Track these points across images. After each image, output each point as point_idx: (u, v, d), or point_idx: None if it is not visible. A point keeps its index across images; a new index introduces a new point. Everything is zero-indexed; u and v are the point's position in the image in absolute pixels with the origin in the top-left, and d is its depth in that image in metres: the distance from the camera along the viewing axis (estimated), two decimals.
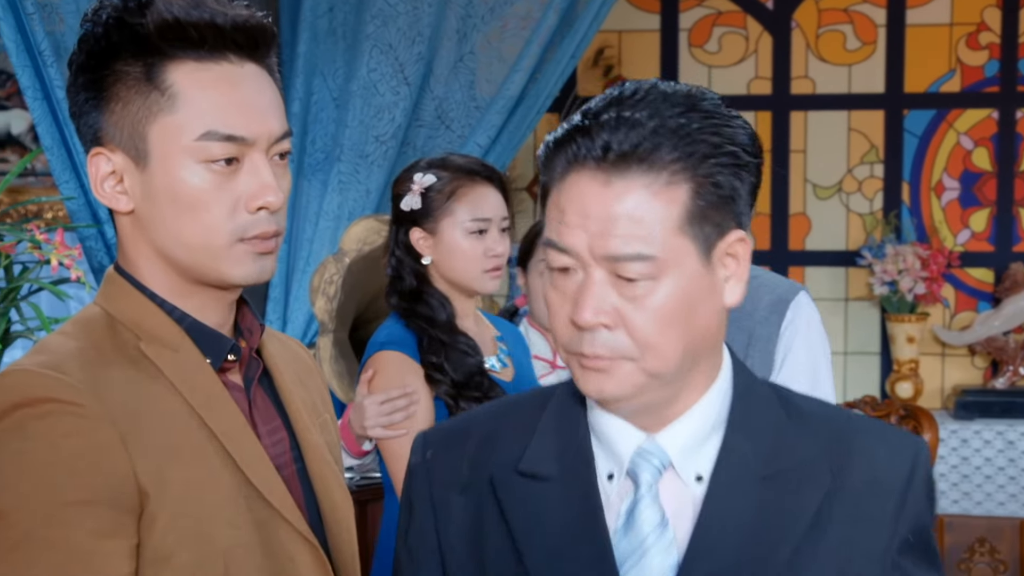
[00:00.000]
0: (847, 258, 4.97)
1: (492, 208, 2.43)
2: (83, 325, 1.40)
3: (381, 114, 3.70)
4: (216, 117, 1.37)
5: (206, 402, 1.39)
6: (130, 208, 1.40)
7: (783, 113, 5.01)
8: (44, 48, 3.13)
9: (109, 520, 1.28)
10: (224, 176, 1.37)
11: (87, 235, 3.30)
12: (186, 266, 1.40)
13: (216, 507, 1.35)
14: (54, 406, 1.28)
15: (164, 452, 1.33)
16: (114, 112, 1.38)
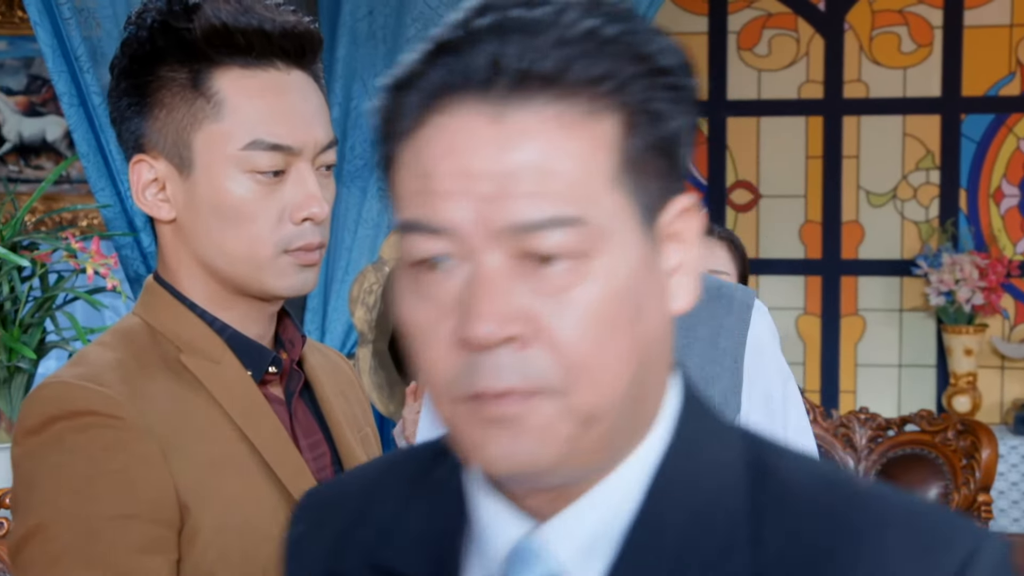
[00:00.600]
0: (902, 267, 4.93)
1: None
2: (122, 336, 1.41)
3: None
4: (263, 126, 1.37)
5: (247, 415, 1.39)
6: (172, 217, 1.40)
7: (835, 118, 4.98)
8: (80, 53, 3.16)
9: (150, 535, 1.28)
10: (269, 186, 1.37)
11: (123, 243, 3.33)
12: (228, 277, 1.40)
13: (258, 522, 1.35)
14: (94, 419, 1.28)
15: (205, 466, 1.33)
16: (158, 119, 1.38)
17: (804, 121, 5.00)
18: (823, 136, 5.00)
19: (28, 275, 2.82)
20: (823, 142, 5.00)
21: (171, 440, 1.31)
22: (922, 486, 3.55)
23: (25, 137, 5.20)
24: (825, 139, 5.00)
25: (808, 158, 5.03)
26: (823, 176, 5.00)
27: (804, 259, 5.02)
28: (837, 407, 4.87)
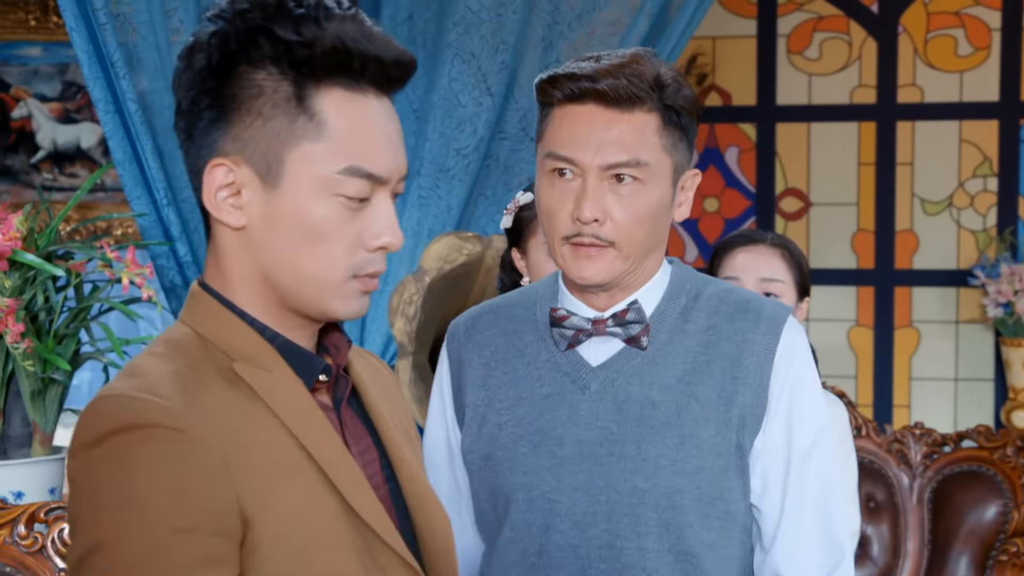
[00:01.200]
0: (958, 278, 4.89)
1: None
2: (174, 346, 1.42)
3: (463, 126, 3.71)
4: (360, 153, 1.39)
5: (303, 424, 1.40)
6: (241, 224, 1.40)
7: (889, 124, 4.95)
8: (116, 59, 3.18)
9: (213, 548, 1.29)
10: (353, 211, 1.40)
11: (158, 253, 3.35)
12: (290, 294, 1.42)
13: (317, 533, 1.37)
14: (154, 431, 1.29)
15: (265, 477, 1.35)
16: (250, 126, 1.39)
17: (856, 127, 4.98)
18: (876, 142, 4.97)
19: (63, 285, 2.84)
20: (876, 148, 4.97)
21: (231, 451, 1.33)
22: (980, 504, 3.51)
23: (59, 144, 5.25)
24: (878, 145, 4.97)
25: (860, 165, 5.00)
26: (876, 184, 4.97)
27: (856, 269, 4.99)
28: (891, 422, 4.83)
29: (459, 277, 3.49)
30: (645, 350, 1.87)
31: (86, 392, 4.53)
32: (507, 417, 1.90)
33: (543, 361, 1.90)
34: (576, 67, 1.82)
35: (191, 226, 3.36)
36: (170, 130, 3.30)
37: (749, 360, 1.87)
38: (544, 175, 1.85)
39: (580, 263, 1.83)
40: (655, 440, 1.84)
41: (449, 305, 3.57)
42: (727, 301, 1.92)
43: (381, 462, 1.53)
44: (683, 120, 1.85)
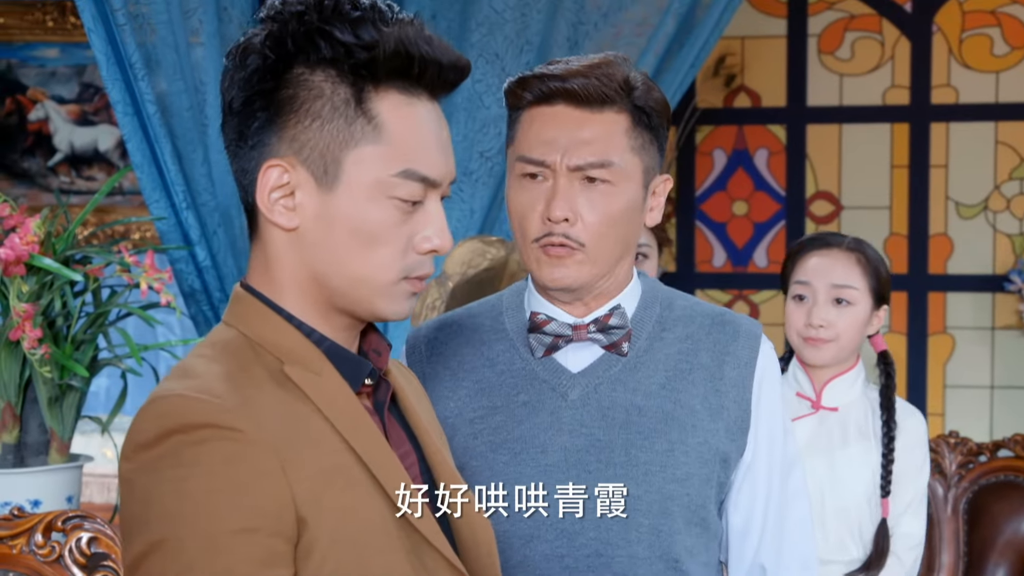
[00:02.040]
0: (994, 283, 4.88)
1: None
2: (223, 348, 1.44)
3: (487, 128, 3.72)
4: (417, 156, 1.43)
5: (352, 427, 1.43)
6: (294, 225, 1.43)
7: (923, 125, 4.94)
8: (135, 60, 3.20)
9: (271, 549, 1.31)
10: (406, 214, 1.43)
11: (177, 257, 3.37)
12: (341, 295, 1.45)
13: (370, 535, 1.39)
14: (212, 432, 1.31)
15: (319, 478, 1.37)
16: (307, 128, 1.41)
17: (889, 128, 4.96)
18: (909, 144, 4.96)
19: (80, 290, 2.85)
20: (909, 151, 4.96)
21: (287, 452, 1.35)
22: (1017, 515, 3.50)
23: (77, 147, 5.28)
24: (911, 147, 4.96)
25: (893, 167, 4.99)
26: (909, 187, 4.96)
27: (891, 274, 4.98)
28: None
29: (483, 282, 3.50)
30: (626, 356, 1.89)
31: (103, 399, 4.55)
32: (482, 426, 1.90)
33: (517, 369, 1.91)
34: (545, 69, 1.86)
35: (210, 230, 3.38)
36: (189, 132, 3.32)
37: (731, 373, 1.91)
38: (515, 179, 1.88)
39: (551, 265, 1.84)
40: (644, 446, 1.85)
41: None
42: (700, 313, 1.97)
43: (420, 466, 1.55)
44: (653, 122, 1.88)
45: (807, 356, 2.71)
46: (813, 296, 2.69)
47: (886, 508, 2.64)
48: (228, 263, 3.41)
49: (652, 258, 3.09)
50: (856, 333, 2.70)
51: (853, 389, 2.73)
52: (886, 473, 2.64)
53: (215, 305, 3.41)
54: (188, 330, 3.84)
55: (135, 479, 1.34)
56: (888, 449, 2.65)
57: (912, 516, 2.67)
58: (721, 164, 5.10)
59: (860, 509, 2.64)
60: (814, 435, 2.69)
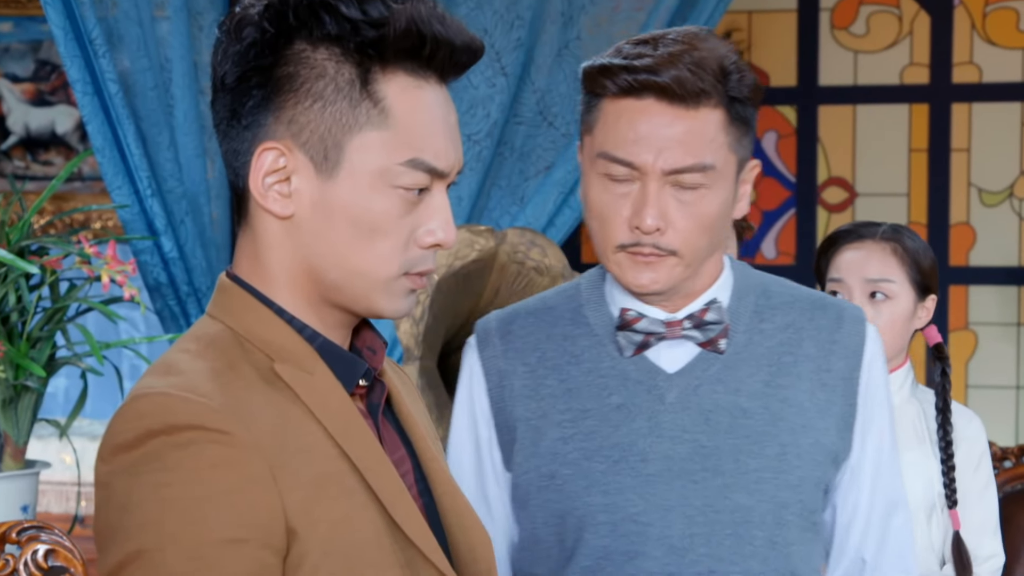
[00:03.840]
0: (1019, 275, 4.89)
1: None
2: (208, 342, 1.43)
3: (475, 109, 3.72)
4: (425, 144, 1.42)
5: (346, 431, 1.42)
6: (289, 213, 1.43)
7: (943, 106, 4.95)
8: (95, 36, 3.19)
9: (261, 562, 1.31)
10: (410, 204, 1.43)
11: (142, 248, 3.36)
12: (335, 288, 1.44)
13: (363, 547, 1.38)
14: (198, 434, 1.31)
15: (311, 486, 1.36)
16: (308, 109, 1.41)
17: (907, 110, 4.97)
18: (929, 126, 4.97)
19: (37, 283, 2.85)
20: (929, 133, 4.96)
21: (277, 457, 1.34)
22: None
23: (32, 129, 5.26)
24: (931, 130, 4.96)
25: (911, 151, 5.00)
26: (929, 172, 4.96)
27: None
28: None
29: (471, 275, 3.50)
30: (723, 353, 1.87)
31: (62, 401, 4.54)
32: (572, 431, 1.86)
33: (606, 368, 1.88)
34: (632, 55, 1.78)
35: (177, 219, 3.37)
36: (154, 113, 3.31)
37: (837, 364, 1.89)
38: (595, 176, 1.84)
39: (638, 270, 1.81)
40: (754, 451, 1.83)
41: (460, 305, 3.57)
42: (800, 298, 1.93)
43: (415, 475, 1.55)
44: (748, 112, 1.84)
45: None
46: (848, 294, 2.65)
47: (956, 520, 2.60)
48: (196, 254, 3.40)
49: (731, 249, 3.02)
50: (898, 330, 2.65)
51: (902, 391, 2.70)
52: (949, 481, 2.60)
53: (182, 299, 3.40)
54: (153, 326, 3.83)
55: (112, 483, 1.33)
56: (947, 455, 2.61)
57: (992, 536, 2.63)
58: None
59: (917, 522, 2.59)
60: None
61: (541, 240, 3.66)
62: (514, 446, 1.91)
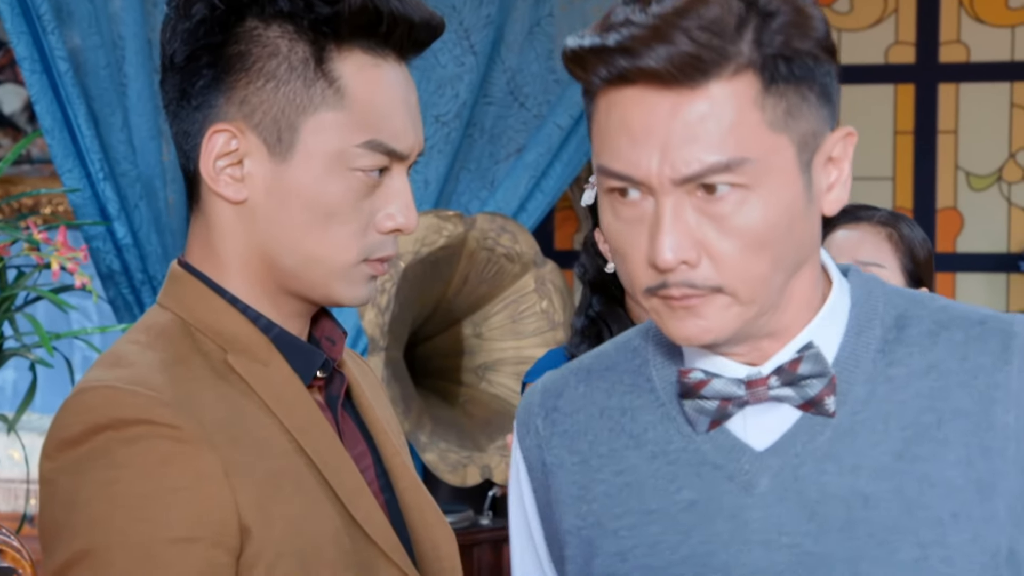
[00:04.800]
0: (1008, 262, 4.91)
1: None
2: (158, 333, 1.43)
3: (443, 89, 3.72)
4: (383, 125, 1.42)
5: (302, 425, 1.42)
6: (241, 198, 1.43)
7: (930, 86, 4.96)
8: (44, 12, 3.18)
9: (213, 562, 1.31)
10: (369, 188, 1.43)
11: (93, 234, 3.34)
12: (291, 276, 1.44)
13: (320, 547, 1.38)
14: (147, 428, 1.31)
15: (265, 482, 1.36)
16: (260, 89, 1.41)
17: (892, 90, 4.98)
18: (915, 108, 4.98)
19: None
20: (915, 115, 4.98)
21: (230, 453, 1.34)
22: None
23: None
24: (917, 111, 4.98)
25: (897, 134, 5.01)
26: (914, 155, 4.97)
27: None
28: None
29: (438, 262, 3.50)
30: (834, 416, 1.38)
31: (10, 394, 4.53)
32: (631, 541, 1.42)
33: (675, 450, 1.42)
34: (614, 25, 1.29)
35: (131, 203, 3.36)
36: (106, 93, 3.30)
37: (1004, 417, 1.37)
38: (603, 196, 1.37)
39: (678, 319, 1.34)
40: (879, 558, 1.35)
41: (427, 294, 3.57)
42: (949, 323, 1.42)
43: (376, 470, 1.55)
44: (804, 66, 1.32)
45: None
46: None
47: None
48: (151, 241, 3.39)
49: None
50: None
51: None
52: None
53: (136, 288, 3.39)
54: (106, 316, 3.82)
55: (58, 480, 1.33)
56: None
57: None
58: None
59: None
60: None
61: (512, 226, 3.66)
62: (565, 566, 1.48)
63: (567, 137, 3.87)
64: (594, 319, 2.46)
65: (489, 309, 3.78)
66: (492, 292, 3.74)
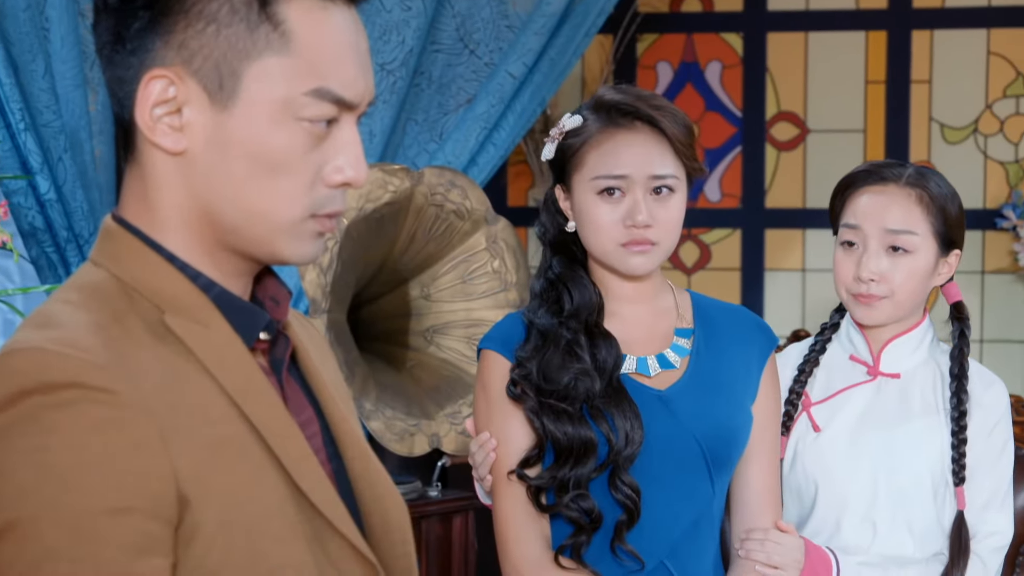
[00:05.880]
0: (984, 219, 4.93)
1: (632, 161, 2.38)
2: (91, 292, 1.42)
3: (388, 35, 3.69)
4: (331, 72, 1.42)
5: (245, 389, 1.42)
6: (180, 148, 1.42)
7: (902, 33, 4.97)
8: None
9: (148, 533, 1.30)
10: (316, 139, 1.42)
11: (14, 189, 3.31)
12: (234, 232, 1.44)
13: (264, 518, 1.39)
14: (78, 393, 1.30)
15: (205, 450, 1.36)
16: (200, 33, 1.39)
17: (863, 37, 4.98)
18: (887, 56, 4.99)
19: None
20: (887, 64, 4.99)
21: (167, 419, 1.34)
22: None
23: None
24: (889, 60, 4.99)
25: (868, 83, 5.02)
26: (886, 106, 4.99)
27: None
28: None
29: (384, 219, 3.48)
30: None
31: None
32: None
33: None
34: None
35: (54, 156, 3.33)
36: (26, 38, 3.26)
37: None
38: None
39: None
40: None
41: (372, 253, 3.56)
42: None
43: (323, 437, 1.55)
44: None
45: (858, 315, 2.65)
46: (863, 242, 2.61)
47: (961, 499, 2.59)
48: (77, 196, 3.36)
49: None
50: (916, 286, 2.62)
51: (918, 352, 2.69)
52: (958, 456, 2.59)
53: (61, 247, 3.37)
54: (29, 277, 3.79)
55: None
56: (959, 427, 2.59)
57: (997, 511, 2.62)
58: (666, 79, 5.10)
59: (922, 498, 2.60)
60: (870, 406, 2.65)
61: (462, 180, 3.64)
62: None
63: (520, 86, 3.86)
64: (553, 281, 2.46)
65: (438, 269, 3.77)
66: (441, 251, 3.73)
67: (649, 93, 2.43)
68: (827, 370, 2.72)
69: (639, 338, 2.46)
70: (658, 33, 5.08)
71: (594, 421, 2.32)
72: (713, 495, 2.39)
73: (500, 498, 2.39)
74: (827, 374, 2.71)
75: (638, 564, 2.33)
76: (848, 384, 2.67)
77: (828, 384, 2.69)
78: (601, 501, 2.32)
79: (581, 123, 2.40)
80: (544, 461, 2.35)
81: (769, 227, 5.08)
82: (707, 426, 2.37)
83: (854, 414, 2.62)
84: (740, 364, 2.47)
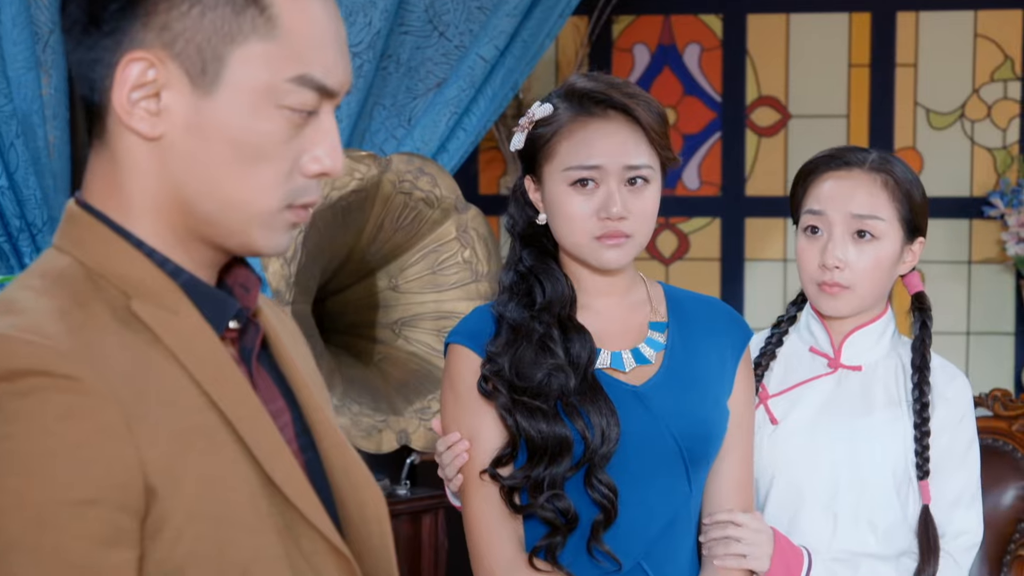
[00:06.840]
0: (971, 207, 4.95)
1: (606, 151, 2.39)
2: (55, 278, 1.42)
3: (354, 17, 3.69)
4: (314, 59, 1.43)
5: (214, 378, 1.43)
6: (157, 134, 1.42)
7: (887, 15, 4.98)
8: None
9: (114, 525, 1.31)
10: (296, 128, 1.44)
11: None
12: (207, 221, 1.45)
13: (235, 510, 1.39)
14: (42, 380, 1.30)
15: (174, 440, 1.36)
16: (184, 15, 1.40)
17: (846, 19, 5.00)
18: (871, 38, 5.00)
19: None
20: (871, 46, 5.00)
21: (134, 407, 1.34)
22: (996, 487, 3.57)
23: None
24: (873, 42, 5.00)
25: (851, 67, 5.03)
26: (871, 90, 5.00)
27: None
28: None
29: (350, 207, 3.48)
30: None
31: None
32: None
33: None
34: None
35: (6, 142, 3.32)
36: None
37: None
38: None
39: None
40: None
41: (337, 242, 3.56)
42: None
43: (296, 427, 1.56)
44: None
45: (822, 306, 2.67)
46: (828, 229, 2.63)
47: (926, 493, 2.61)
48: (30, 184, 3.35)
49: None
50: (881, 275, 2.64)
51: (880, 344, 2.72)
52: (922, 448, 2.61)
53: (13, 236, 3.36)
54: None
55: None
56: (921, 419, 2.62)
57: (967, 508, 2.64)
58: (644, 63, 5.10)
59: (884, 491, 2.62)
60: (830, 399, 2.67)
61: (431, 167, 3.65)
62: None
63: (492, 70, 3.86)
64: (524, 274, 2.46)
65: (406, 259, 3.78)
66: (409, 240, 3.73)
67: (622, 81, 2.43)
68: (785, 362, 2.73)
69: (613, 332, 2.47)
70: (635, 14, 5.09)
71: (569, 418, 2.32)
72: (690, 493, 2.40)
73: (471, 499, 2.39)
74: (785, 366, 2.72)
75: (615, 565, 2.33)
76: (808, 377, 2.68)
77: (786, 376, 2.70)
78: (576, 501, 2.32)
79: (552, 112, 2.40)
80: (517, 460, 2.36)
81: (749, 216, 5.09)
82: (684, 423, 2.38)
83: (814, 406, 2.63)
84: (715, 358, 2.48)
